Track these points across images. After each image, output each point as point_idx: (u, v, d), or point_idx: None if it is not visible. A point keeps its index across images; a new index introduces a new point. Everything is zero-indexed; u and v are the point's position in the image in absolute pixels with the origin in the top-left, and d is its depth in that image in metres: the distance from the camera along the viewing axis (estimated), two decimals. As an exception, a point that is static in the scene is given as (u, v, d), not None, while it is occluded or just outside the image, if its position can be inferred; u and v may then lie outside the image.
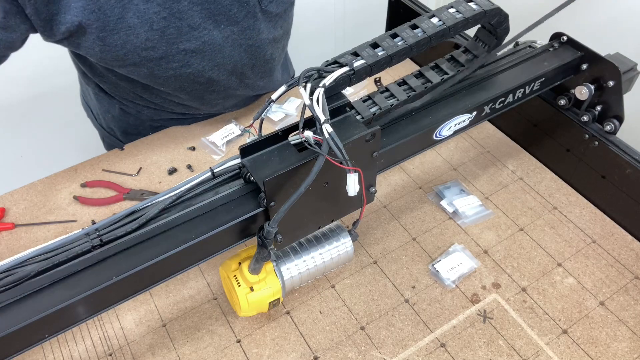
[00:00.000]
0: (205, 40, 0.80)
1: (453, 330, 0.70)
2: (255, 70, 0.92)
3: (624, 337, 0.69)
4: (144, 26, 0.73)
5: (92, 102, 1.04)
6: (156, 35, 0.75)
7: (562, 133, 0.85)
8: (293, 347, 0.69)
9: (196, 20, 0.77)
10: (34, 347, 0.55)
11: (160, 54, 0.78)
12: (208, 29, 0.79)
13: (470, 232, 0.81)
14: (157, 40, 0.75)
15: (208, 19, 0.78)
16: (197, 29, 0.78)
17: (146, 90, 0.90)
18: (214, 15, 0.78)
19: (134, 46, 0.74)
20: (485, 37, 0.72)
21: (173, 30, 0.75)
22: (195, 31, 0.78)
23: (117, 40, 0.73)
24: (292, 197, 0.52)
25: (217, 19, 0.79)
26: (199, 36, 0.79)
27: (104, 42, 0.72)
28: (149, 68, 0.80)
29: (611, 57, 0.78)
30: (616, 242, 0.79)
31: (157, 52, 0.77)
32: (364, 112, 0.65)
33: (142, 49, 0.75)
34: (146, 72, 0.81)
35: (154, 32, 0.74)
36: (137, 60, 0.77)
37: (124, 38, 0.73)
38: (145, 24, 0.73)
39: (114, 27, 0.71)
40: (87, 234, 0.56)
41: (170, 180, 0.91)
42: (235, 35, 0.83)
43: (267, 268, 0.66)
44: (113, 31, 0.71)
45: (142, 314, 0.73)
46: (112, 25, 0.71)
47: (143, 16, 0.72)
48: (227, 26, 0.81)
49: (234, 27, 0.82)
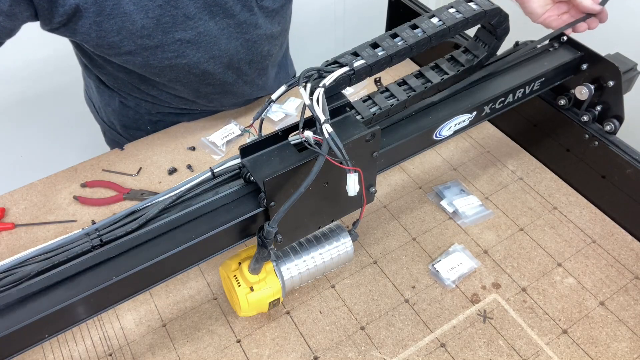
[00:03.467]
0: (201, 31, 0.81)
1: (453, 330, 0.70)
2: (252, 66, 0.93)
3: (624, 337, 0.69)
4: (140, 13, 0.74)
5: (94, 95, 1.05)
6: (152, 23, 0.76)
7: (562, 133, 0.85)
8: (293, 347, 0.69)
9: (191, 9, 0.78)
10: (34, 347, 0.55)
11: (156, 42, 0.79)
12: (204, 20, 0.80)
13: (470, 232, 0.81)
14: (152, 29, 0.76)
15: (204, 9, 0.79)
16: (193, 19, 0.79)
17: (143, 81, 0.91)
18: (209, 6, 0.80)
19: (130, 33, 0.76)
20: (486, 37, 0.72)
21: (168, 18, 0.77)
22: (191, 21, 0.79)
23: (112, 26, 0.74)
24: (292, 197, 0.52)
25: (213, 10, 0.80)
26: (194, 26, 0.80)
27: (100, 27, 0.73)
28: (144, 57, 0.81)
29: (611, 57, 0.78)
30: (616, 242, 0.79)
31: (152, 41, 0.78)
32: (364, 112, 0.65)
33: (138, 36, 0.77)
34: (141, 61, 0.82)
35: (149, 20, 0.75)
36: (133, 48, 0.78)
37: (119, 24, 0.74)
38: (141, 10, 0.74)
39: (110, 12, 0.72)
40: (87, 234, 0.56)
41: (170, 180, 0.91)
42: (231, 28, 0.84)
43: (267, 268, 0.66)
44: (109, 16, 0.73)
45: (142, 314, 0.73)
46: (108, 10, 0.72)
47: (139, 3, 0.73)
48: (223, 18, 0.82)
49: (230, 20, 0.83)
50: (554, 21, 0.81)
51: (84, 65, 0.97)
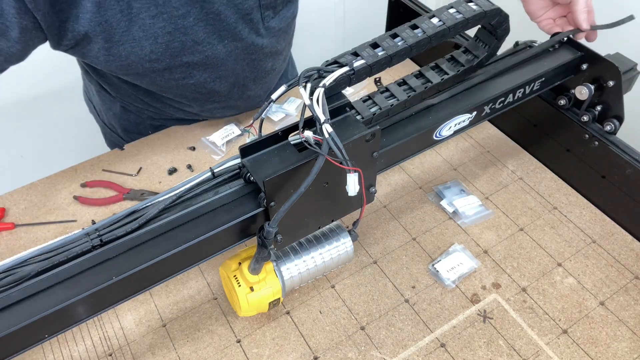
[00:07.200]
0: (209, 54, 0.81)
1: (453, 330, 0.70)
2: (257, 82, 0.94)
3: (624, 337, 0.69)
4: (149, 39, 0.74)
5: (95, 98, 1.05)
6: (160, 49, 0.76)
7: (562, 133, 0.85)
8: (293, 347, 0.69)
9: (200, 35, 0.78)
10: (34, 347, 0.55)
11: (164, 65, 0.79)
12: (212, 44, 0.80)
13: (470, 232, 0.81)
14: (160, 53, 0.77)
15: (212, 34, 0.79)
16: (201, 44, 0.79)
17: (148, 94, 0.92)
18: (218, 31, 0.79)
19: (138, 57, 0.76)
20: (486, 38, 0.72)
21: (177, 44, 0.77)
22: (199, 45, 0.79)
23: (121, 52, 0.74)
24: (292, 197, 0.52)
25: (222, 35, 0.80)
26: (203, 50, 0.80)
27: (109, 52, 0.74)
28: (152, 78, 0.82)
29: (611, 57, 0.78)
30: (616, 242, 0.79)
31: (160, 64, 0.79)
32: (364, 112, 0.65)
33: (146, 60, 0.77)
34: (149, 80, 0.83)
35: (158, 46, 0.75)
36: (141, 71, 0.79)
37: (128, 50, 0.74)
38: (150, 37, 0.74)
39: (119, 39, 0.72)
40: (87, 234, 0.56)
41: (170, 180, 0.91)
42: (238, 50, 0.84)
43: (267, 268, 0.66)
44: (118, 43, 0.73)
45: (142, 314, 0.73)
46: (117, 37, 0.72)
47: (148, 30, 0.73)
48: (231, 42, 0.82)
49: (238, 43, 0.83)
50: (548, 24, 0.82)
51: (84, 69, 0.98)
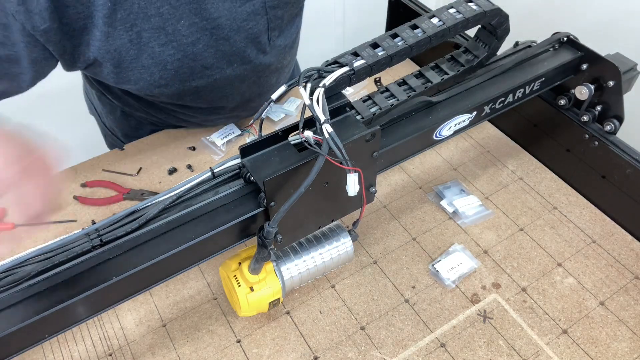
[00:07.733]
0: (217, 77, 0.82)
1: (453, 330, 0.70)
2: (262, 96, 0.95)
3: (624, 337, 0.69)
4: (158, 66, 0.75)
5: (96, 101, 1.05)
6: (169, 75, 0.77)
7: (562, 133, 0.85)
8: (293, 347, 0.69)
9: (210, 60, 0.79)
10: (34, 347, 0.55)
11: (173, 90, 0.80)
12: (221, 68, 0.81)
13: (470, 232, 0.81)
14: (169, 79, 0.78)
15: (222, 59, 0.80)
16: (210, 69, 0.80)
17: (151, 105, 0.93)
18: (228, 56, 0.80)
19: (147, 83, 0.77)
20: (486, 38, 0.72)
21: (186, 69, 0.78)
22: (208, 70, 0.80)
23: (130, 77, 0.75)
24: (292, 197, 0.52)
25: (231, 59, 0.81)
26: (211, 74, 0.81)
27: (118, 76, 0.75)
28: (159, 98, 0.84)
29: (611, 57, 0.78)
30: (616, 242, 0.79)
31: (169, 89, 0.80)
32: (364, 112, 0.65)
33: (155, 86, 0.78)
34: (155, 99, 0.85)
35: (167, 72, 0.76)
36: (149, 93, 0.81)
37: (137, 75, 0.75)
38: (159, 64, 0.75)
39: (128, 65, 0.74)
40: (87, 234, 0.56)
41: (170, 180, 0.91)
42: (247, 72, 0.85)
43: (267, 268, 0.66)
44: (127, 69, 0.74)
45: (142, 314, 0.73)
46: (126, 64, 0.73)
47: (158, 57, 0.74)
48: (240, 65, 0.83)
49: (247, 66, 0.84)
50: None
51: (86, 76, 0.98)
